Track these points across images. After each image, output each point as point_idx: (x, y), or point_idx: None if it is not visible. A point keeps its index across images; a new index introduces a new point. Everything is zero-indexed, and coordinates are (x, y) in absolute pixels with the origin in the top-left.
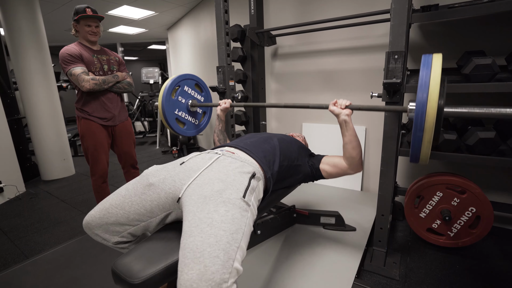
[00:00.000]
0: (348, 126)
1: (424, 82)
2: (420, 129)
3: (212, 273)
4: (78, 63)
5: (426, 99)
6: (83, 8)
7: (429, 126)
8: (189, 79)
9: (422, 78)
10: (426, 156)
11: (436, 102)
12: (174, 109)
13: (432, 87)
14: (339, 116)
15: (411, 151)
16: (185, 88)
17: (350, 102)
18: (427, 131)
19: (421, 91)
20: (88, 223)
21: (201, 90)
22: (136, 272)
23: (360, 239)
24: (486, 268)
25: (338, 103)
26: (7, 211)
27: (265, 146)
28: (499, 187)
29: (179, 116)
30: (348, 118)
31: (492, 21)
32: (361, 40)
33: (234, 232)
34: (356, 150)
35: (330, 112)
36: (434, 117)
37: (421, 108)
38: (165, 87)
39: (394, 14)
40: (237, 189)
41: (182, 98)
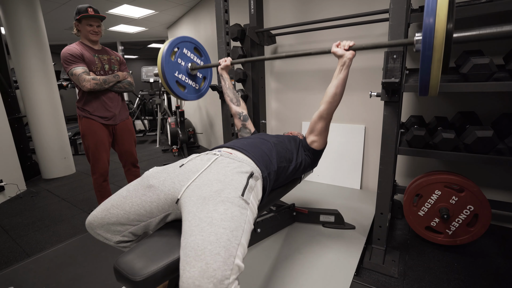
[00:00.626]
0: (345, 69)
1: (431, 4)
2: (429, 49)
3: (213, 270)
4: (79, 63)
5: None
6: (85, 7)
7: (438, 45)
8: (188, 41)
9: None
10: (436, 82)
11: (445, 24)
12: (174, 71)
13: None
14: (343, 56)
15: (420, 79)
16: (184, 51)
17: (353, 43)
18: (436, 51)
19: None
20: (90, 223)
21: (200, 54)
22: (138, 270)
23: (359, 237)
24: (484, 266)
25: (341, 44)
26: (8, 209)
27: (263, 147)
28: (497, 186)
29: (179, 79)
30: (349, 61)
31: (490, 20)
32: (360, 40)
33: (234, 229)
34: (337, 89)
35: (333, 53)
36: (443, 37)
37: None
38: (163, 48)
39: (393, 14)
40: (235, 188)
41: (182, 60)
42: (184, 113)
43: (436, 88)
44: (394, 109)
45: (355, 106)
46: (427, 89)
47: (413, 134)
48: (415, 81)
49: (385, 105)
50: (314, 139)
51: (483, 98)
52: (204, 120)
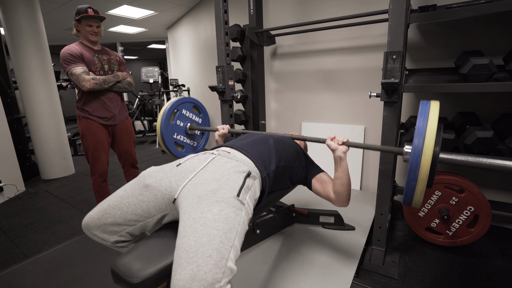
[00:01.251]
0: (342, 163)
1: (421, 131)
2: (414, 179)
3: (204, 273)
4: (78, 63)
5: (422, 148)
6: (84, 8)
7: (422, 177)
8: (187, 102)
9: (419, 127)
10: (418, 202)
11: (431, 152)
12: (172, 134)
13: (428, 137)
14: (335, 151)
15: (404, 196)
16: (183, 112)
17: (347, 139)
18: (420, 182)
19: (417, 138)
20: (87, 224)
21: (199, 112)
22: (135, 272)
23: (359, 238)
24: (484, 267)
25: (335, 138)
26: (7, 210)
27: (261, 147)
28: (497, 186)
29: (178, 140)
30: (344, 155)
31: (490, 21)
32: (360, 40)
33: (228, 231)
34: (344, 187)
35: (327, 146)
36: (428, 168)
37: (416, 157)
38: (163, 112)
39: (392, 14)
40: (231, 188)
41: (181, 121)
42: None
43: (418, 205)
44: (394, 110)
45: (355, 107)
46: (411, 201)
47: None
48: (415, 82)
49: (385, 106)
50: (316, 188)
51: (483, 98)
52: None
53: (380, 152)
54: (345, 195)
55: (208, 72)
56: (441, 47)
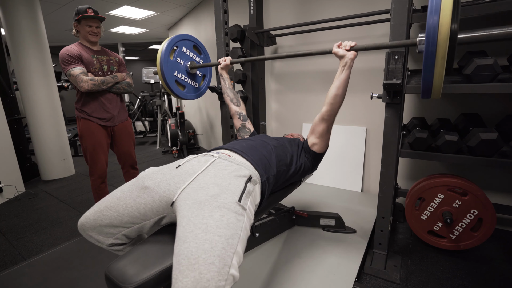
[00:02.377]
0: (346, 70)
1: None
2: (433, 47)
3: (207, 280)
4: (77, 64)
5: (438, 22)
6: (84, 8)
7: (441, 45)
8: (186, 39)
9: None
10: (439, 84)
11: (449, 24)
12: (173, 71)
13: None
14: (344, 57)
15: (422, 82)
16: (183, 49)
17: (355, 43)
18: (439, 54)
19: (431, 16)
20: (82, 225)
21: (200, 52)
22: (129, 277)
23: (360, 241)
24: (488, 272)
25: (342, 44)
26: (6, 211)
27: (262, 150)
28: (502, 189)
29: (179, 78)
30: (351, 62)
31: (494, 21)
32: (361, 40)
33: (230, 237)
34: (341, 88)
35: (334, 54)
36: (447, 38)
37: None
38: (162, 47)
39: (394, 14)
40: (232, 193)
41: (181, 59)
42: (184, 114)
43: (439, 90)
44: (396, 111)
45: (356, 108)
46: (430, 91)
47: (415, 136)
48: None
49: (387, 107)
50: (315, 141)
51: (487, 99)
52: (205, 122)
53: (382, 153)
54: (336, 94)
55: None
56: None
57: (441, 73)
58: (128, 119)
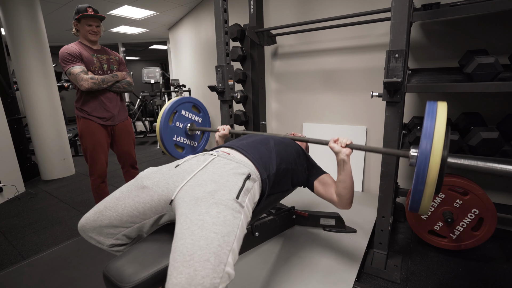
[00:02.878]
0: (345, 165)
1: (428, 133)
2: (422, 184)
3: (202, 277)
4: (77, 62)
5: (430, 152)
6: (84, 7)
7: (431, 182)
8: (186, 102)
9: (426, 129)
10: (426, 209)
11: (440, 156)
12: (172, 136)
13: (436, 140)
14: (339, 154)
15: (410, 202)
16: (182, 113)
17: (351, 141)
18: (428, 187)
19: (424, 141)
20: (82, 226)
21: (199, 111)
22: (127, 277)
23: (361, 241)
24: (489, 271)
25: (339, 140)
26: (6, 211)
27: (262, 148)
28: (503, 189)
29: (178, 142)
30: (347, 158)
31: (495, 19)
32: (362, 39)
33: (226, 234)
34: (347, 190)
35: (330, 148)
36: (437, 172)
37: (424, 160)
38: (162, 115)
39: (395, 12)
40: (230, 190)
41: (180, 123)
42: None
43: (426, 209)
44: (396, 110)
45: (356, 107)
46: (418, 209)
47: (416, 135)
48: (417, 81)
49: (387, 106)
50: (320, 193)
51: (488, 98)
52: None
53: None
54: (348, 197)
55: (209, 72)
56: (445, 46)
57: (431, 194)
58: (128, 119)
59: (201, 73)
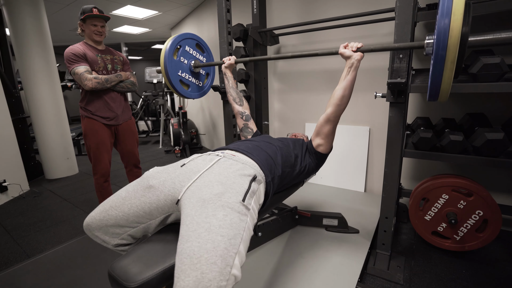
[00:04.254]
0: (353, 71)
1: (446, 5)
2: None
3: (209, 280)
4: (81, 62)
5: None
6: (89, 8)
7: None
8: (189, 38)
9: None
10: (447, 89)
11: (460, 28)
12: (177, 70)
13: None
14: (351, 58)
15: (430, 85)
16: (186, 48)
17: (362, 44)
18: (449, 58)
19: (442, 18)
20: (88, 225)
21: (203, 51)
22: (132, 276)
23: (363, 242)
24: (494, 273)
25: (349, 45)
26: (11, 209)
27: (267, 150)
28: (508, 190)
29: (183, 78)
30: (357, 63)
31: (500, 19)
32: (366, 39)
33: (232, 237)
34: (348, 90)
35: (341, 55)
36: (457, 43)
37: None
38: (166, 47)
39: (399, 12)
40: (236, 193)
41: (184, 58)
42: (187, 114)
43: (447, 93)
44: (400, 110)
45: (360, 107)
46: (438, 94)
47: (419, 136)
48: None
49: (391, 106)
50: (320, 142)
51: (493, 99)
52: (207, 121)
53: (385, 153)
54: (342, 95)
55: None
56: None
57: (450, 76)
58: (131, 118)
59: None
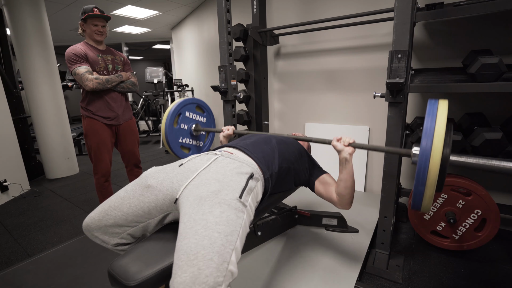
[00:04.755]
0: (347, 164)
1: (429, 132)
2: (422, 183)
3: (205, 276)
4: (82, 63)
5: (430, 150)
6: (90, 8)
7: (431, 181)
8: (189, 104)
9: (427, 127)
10: (427, 207)
11: (440, 154)
12: (178, 138)
13: (436, 138)
14: (341, 153)
15: (412, 201)
16: (186, 114)
17: (354, 140)
18: (429, 186)
19: (425, 139)
20: (87, 225)
21: (203, 111)
22: (132, 274)
23: (363, 241)
24: (492, 272)
25: (342, 139)
26: (12, 209)
27: (264, 147)
28: (506, 189)
29: (184, 143)
30: (350, 157)
31: (499, 19)
32: (365, 39)
33: (229, 234)
34: (347, 190)
35: (333, 147)
36: (437, 171)
37: (424, 159)
38: (166, 117)
39: (398, 12)
40: (233, 190)
41: (185, 124)
42: None
43: (428, 208)
44: (399, 110)
45: (359, 107)
46: (420, 206)
47: (418, 136)
48: (420, 82)
49: (390, 106)
50: (320, 193)
51: (492, 99)
52: None
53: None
54: (348, 197)
55: (212, 72)
56: (448, 46)
57: (431, 193)
58: (132, 118)
59: (204, 73)
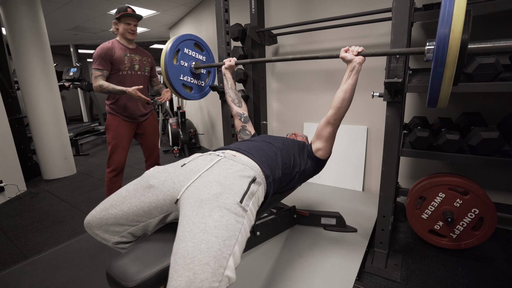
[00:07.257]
0: (354, 75)
1: (447, 13)
2: (441, 64)
3: (201, 281)
4: (101, 65)
5: (449, 32)
6: (124, 7)
7: (451, 60)
8: (187, 39)
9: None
10: (446, 96)
11: (460, 36)
12: (179, 75)
13: (455, 20)
14: (352, 62)
15: (429, 92)
16: (185, 51)
17: (363, 49)
18: (448, 66)
19: (442, 26)
20: (88, 223)
21: (202, 49)
22: (130, 275)
23: (361, 241)
24: (489, 271)
25: (350, 49)
26: (8, 210)
27: (268, 151)
28: (503, 188)
29: (185, 81)
30: (359, 66)
31: (496, 19)
32: (363, 39)
33: (227, 239)
34: (344, 103)
35: (342, 58)
36: (457, 51)
37: (443, 41)
38: (165, 53)
39: (396, 12)
40: (234, 193)
41: (184, 62)
42: (186, 113)
43: (445, 101)
44: (397, 110)
45: (357, 107)
46: (436, 101)
47: (416, 135)
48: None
49: (388, 106)
50: (320, 146)
51: (489, 98)
52: (206, 121)
53: (383, 153)
54: (343, 99)
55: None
56: None
57: (449, 84)
58: (153, 113)
59: None
